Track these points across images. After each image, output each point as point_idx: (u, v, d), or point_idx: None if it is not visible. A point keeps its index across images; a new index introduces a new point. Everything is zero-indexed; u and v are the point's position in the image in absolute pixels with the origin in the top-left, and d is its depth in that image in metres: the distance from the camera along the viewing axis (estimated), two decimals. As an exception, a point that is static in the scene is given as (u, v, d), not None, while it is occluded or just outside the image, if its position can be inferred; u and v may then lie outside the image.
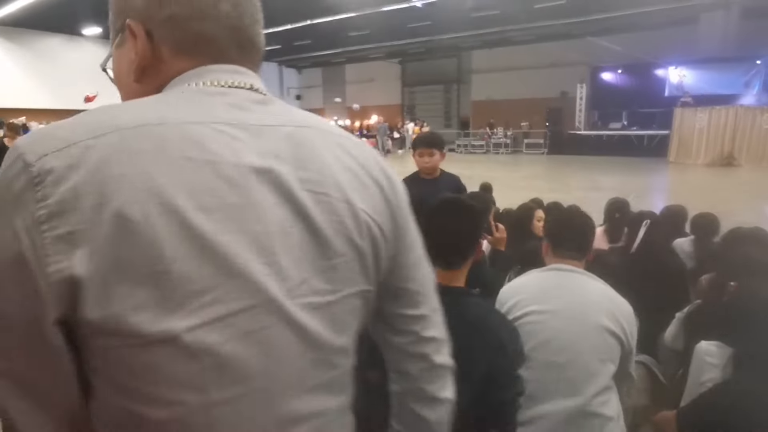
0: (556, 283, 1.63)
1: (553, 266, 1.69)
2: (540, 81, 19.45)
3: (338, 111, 25.43)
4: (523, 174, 12.44)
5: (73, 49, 18.02)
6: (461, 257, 1.39)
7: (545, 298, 1.59)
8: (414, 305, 0.76)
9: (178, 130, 0.52)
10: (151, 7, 0.60)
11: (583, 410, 1.43)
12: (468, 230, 1.40)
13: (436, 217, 1.41)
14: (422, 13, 14.78)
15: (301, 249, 0.57)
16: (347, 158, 0.64)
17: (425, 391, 0.79)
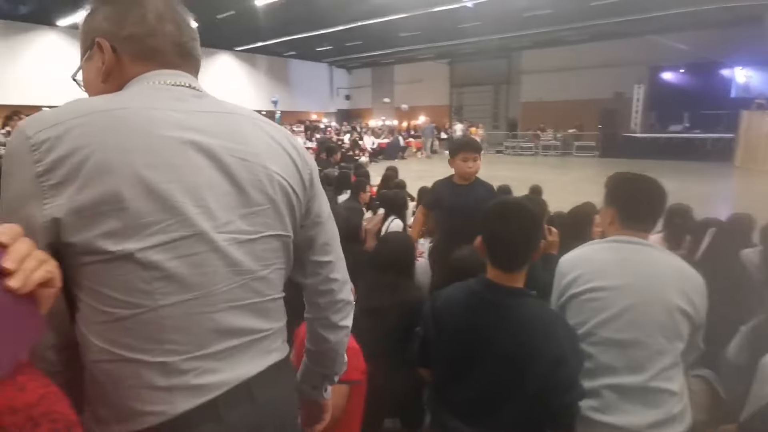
0: (623, 256, 1.53)
1: (618, 238, 1.58)
2: (593, 81, 18.81)
3: (386, 111, 25.62)
4: (572, 177, 12.10)
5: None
6: (522, 261, 1.41)
7: (610, 274, 1.50)
8: (323, 253, 1.01)
9: (136, 112, 0.75)
10: (115, 28, 0.84)
11: (645, 386, 1.40)
12: (529, 234, 1.39)
13: (497, 221, 1.42)
14: (473, 14, 14.65)
15: (226, 198, 0.79)
16: (263, 135, 0.88)
17: (329, 319, 1.06)
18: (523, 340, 1.34)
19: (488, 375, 1.38)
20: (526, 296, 1.42)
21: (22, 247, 0.51)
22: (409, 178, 6.97)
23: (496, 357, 1.37)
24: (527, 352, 1.33)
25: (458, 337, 1.45)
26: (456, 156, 2.98)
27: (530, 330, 1.35)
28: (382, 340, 2.14)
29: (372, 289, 2.21)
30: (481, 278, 1.47)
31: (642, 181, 1.62)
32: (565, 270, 1.61)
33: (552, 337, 1.35)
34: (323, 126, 22.08)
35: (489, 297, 1.41)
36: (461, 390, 1.44)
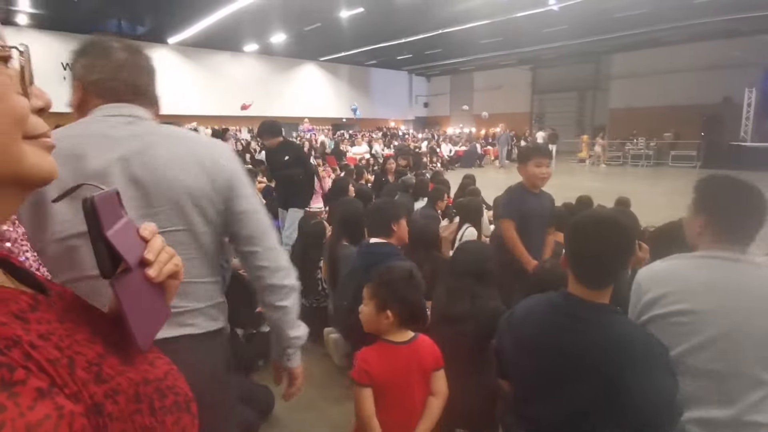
0: (716, 275, 1.34)
1: (710, 253, 1.38)
2: (694, 85, 17.23)
3: (464, 119, 25.38)
4: (666, 188, 11.16)
5: (235, 63, 20.70)
6: (610, 279, 1.32)
7: (700, 295, 1.33)
8: (249, 244, 1.21)
9: (80, 137, 1.07)
10: (86, 74, 1.15)
11: (736, 420, 1.26)
12: (620, 252, 1.30)
13: (586, 236, 1.34)
14: (558, 17, 14.11)
15: (134, 202, 1.04)
16: (179, 150, 1.12)
17: (265, 300, 1.28)
18: (620, 360, 1.25)
19: (577, 395, 1.30)
20: (617, 314, 1.34)
21: (158, 242, 0.58)
22: (486, 186, 6.83)
23: (588, 377, 1.28)
24: (627, 374, 1.24)
25: (541, 354, 1.38)
26: (528, 161, 2.84)
27: (629, 350, 1.26)
28: (459, 347, 2.15)
29: (451, 296, 2.23)
30: (564, 293, 1.39)
31: (740, 186, 1.41)
32: (647, 286, 1.45)
33: (652, 360, 1.26)
34: (401, 133, 22.34)
35: (576, 313, 1.34)
36: (543, 408, 1.38)
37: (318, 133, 18.78)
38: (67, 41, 15.94)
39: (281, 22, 15.08)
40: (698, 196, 1.48)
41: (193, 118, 17.80)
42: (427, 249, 3.09)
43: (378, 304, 1.68)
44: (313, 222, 3.98)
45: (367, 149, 15.14)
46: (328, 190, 5.79)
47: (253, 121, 20.71)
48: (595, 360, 1.28)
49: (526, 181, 2.88)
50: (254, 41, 18.52)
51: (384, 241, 2.62)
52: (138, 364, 0.51)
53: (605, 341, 1.28)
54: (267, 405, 2.60)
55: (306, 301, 3.58)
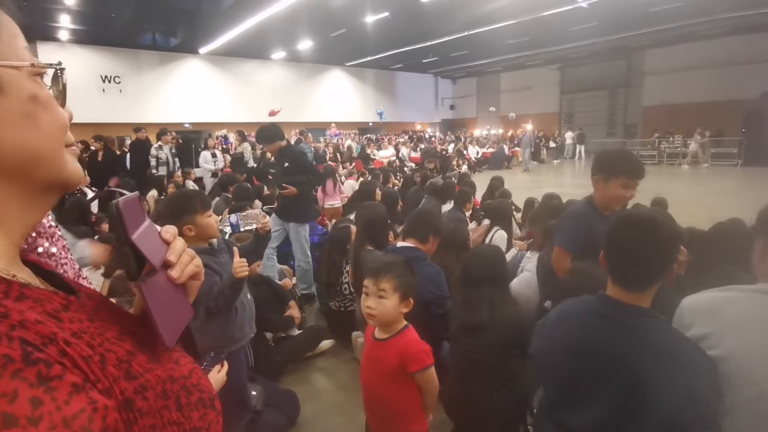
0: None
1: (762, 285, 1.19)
2: (733, 80, 16.50)
3: (491, 120, 25.12)
4: (707, 189, 10.72)
5: (263, 71, 21.12)
6: (651, 282, 1.25)
7: (750, 338, 1.14)
8: None
9: None
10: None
11: None
12: (659, 252, 1.21)
13: (627, 234, 1.26)
14: (588, 14, 13.78)
15: None
16: None
17: None
18: (660, 366, 1.18)
19: (614, 400, 1.23)
20: (658, 319, 1.26)
21: (179, 244, 0.60)
22: (515, 188, 6.72)
23: (627, 382, 1.22)
24: (664, 381, 1.16)
25: (574, 357, 1.33)
26: (613, 178, 2.20)
27: (668, 356, 1.18)
28: (481, 358, 2.11)
29: (468, 306, 2.18)
30: (602, 295, 1.33)
31: None
32: (690, 319, 1.27)
33: (692, 367, 1.17)
34: (428, 136, 22.29)
35: (612, 315, 1.28)
36: (575, 413, 1.33)
37: (345, 138, 18.93)
38: (106, 55, 16.66)
39: (307, 29, 15.30)
40: (763, 214, 1.24)
41: (224, 125, 18.23)
42: (457, 252, 3.06)
43: (402, 294, 1.70)
44: (340, 226, 4.00)
45: (394, 153, 15.16)
46: (355, 193, 5.83)
47: (282, 127, 21.08)
48: (629, 364, 1.21)
49: (599, 201, 2.24)
50: (281, 49, 18.85)
51: (412, 246, 2.61)
52: (165, 362, 0.53)
53: (641, 345, 1.22)
54: (295, 409, 2.61)
55: (333, 305, 3.60)
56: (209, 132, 18.96)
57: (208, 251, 2.06)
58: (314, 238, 4.85)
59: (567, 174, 15.55)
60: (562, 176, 14.98)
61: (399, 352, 1.67)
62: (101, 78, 16.74)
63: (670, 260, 1.23)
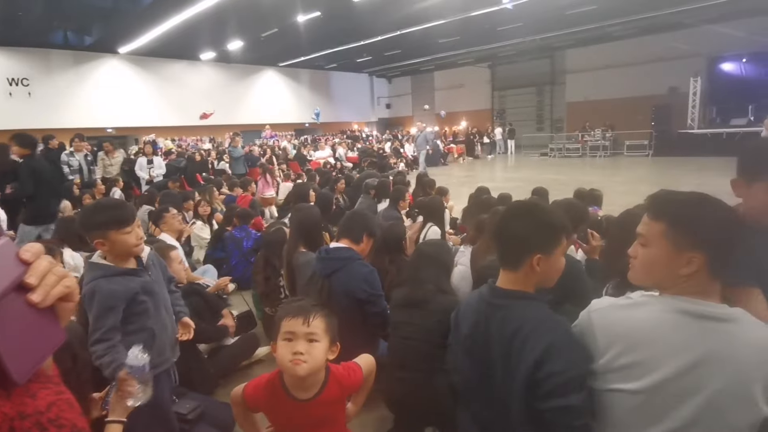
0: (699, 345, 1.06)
1: (698, 308, 1.08)
2: (644, 77, 17.93)
3: (427, 118, 25.63)
4: (623, 178, 11.58)
5: (192, 72, 20.21)
6: (517, 255, 1.33)
7: (670, 364, 1.06)
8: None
9: None
10: None
11: None
12: (522, 232, 1.32)
13: (500, 219, 1.41)
14: (513, 15, 14.42)
15: None
16: None
17: None
18: (513, 343, 1.26)
19: (491, 382, 1.34)
20: (526, 299, 1.33)
21: (43, 264, 0.54)
22: (452, 184, 6.94)
23: (496, 363, 1.32)
24: (516, 356, 1.25)
25: (467, 343, 1.43)
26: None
27: (519, 331, 1.26)
28: (420, 343, 2.15)
29: (416, 281, 2.25)
30: (490, 283, 1.42)
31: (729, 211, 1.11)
32: (605, 342, 1.17)
33: (538, 335, 1.23)
34: (365, 135, 22.35)
35: (491, 300, 1.38)
36: (474, 397, 1.43)
37: (281, 139, 18.56)
38: (11, 56, 15.23)
39: (237, 29, 14.81)
40: (696, 226, 1.10)
41: (152, 129, 17.27)
42: (391, 253, 3.08)
43: (332, 338, 1.43)
44: (273, 230, 3.90)
45: (331, 153, 15.06)
46: (289, 195, 5.72)
47: (215, 130, 20.28)
48: (499, 345, 1.31)
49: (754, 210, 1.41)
50: (210, 49, 18.14)
51: (346, 246, 2.59)
52: (15, 396, 0.48)
53: (508, 325, 1.30)
54: (230, 422, 2.51)
55: (270, 310, 3.52)
56: (135, 137, 17.91)
57: (128, 273, 1.87)
58: (249, 242, 4.71)
59: (499, 169, 16.20)
60: (495, 171, 15.58)
61: (339, 395, 1.47)
62: (7, 81, 15.30)
63: (532, 239, 1.31)
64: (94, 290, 1.79)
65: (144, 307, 1.90)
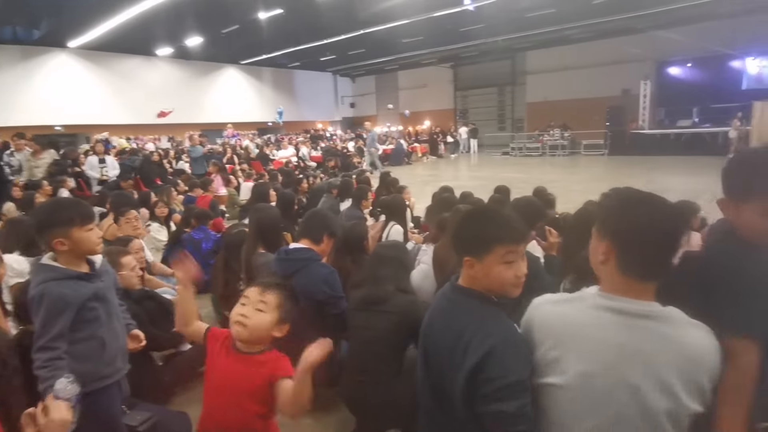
0: (613, 337, 1.10)
1: (610, 303, 1.12)
2: (599, 79, 18.64)
3: (391, 117, 25.70)
4: (581, 176, 11.97)
5: (148, 68, 19.47)
6: (466, 251, 1.35)
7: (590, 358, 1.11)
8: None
9: None
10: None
11: None
12: (460, 236, 1.39)
13: (459, 219, 1.46)
14: (475, 16, 14.66)
15: None
16: None
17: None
18: (458, 343, 1.28)
19: (441, 379, 1.36)
20: (479, 299, 1.33)
21: None
22: (416, 183, 6.98)
23: (443, 361, 1.34)
24: (460, 356, 1.26)
25: (422, 336, 1.46)
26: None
27: (464, 331, 1.28)
28: (379, 345, 2.13)
29: (375, 279, 2.25)
30: (452, 281, 1.44)
31: (654, 208, 1.10)
32: (540, 336, 1.22)
33: (480, 339, 1.23)
34: (329, 134, 22.18)
35: (450, 296, 1.41)
36: (426, 394, 1.45)
37: (243, 138, 18.17)
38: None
39: (195, 25, 14.37)
40: (604, 216, 1.19)
41: (105, 128, 16.51)
42: (353, 253, 3.04)
43: (282, 315, 1.53)
44: (234, 231, 3.80)
45: (294, 152, 14.86)
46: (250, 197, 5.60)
47: (174, 129, 19.63)
48: (445, 343, 1.33)
49: (747, 232, 1.26)
50: (168, 44, 17.53)
51: (305, 247, 2.54)
52: None
53: (454, 323, 1.33)
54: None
55: (229, 313, 3.41)
56: (87, 135, 17.08)
57: (80, 277, 1.79)
58: (208, 244, 4.57)
59: (463, 167, 16.44)
60: (458, 170, 15.80)
61: (270, 364, 1.50)
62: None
63: (469, 243, 1.35)
64: (43, 293, 1.69)
65: (95, 315, 1.81)
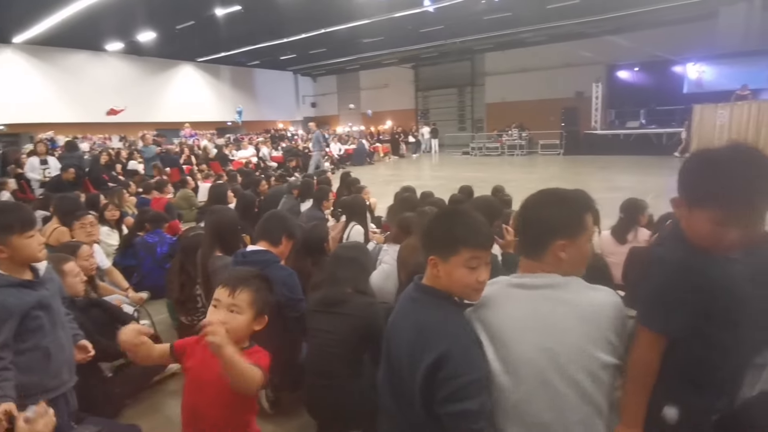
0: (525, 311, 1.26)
1: (517, 278, 1.32)
2: (554, 81, 19.32)
3: (353, 117, 25.64)
4: (538, 176, 12.34)
5: (97, 64, 18.59)
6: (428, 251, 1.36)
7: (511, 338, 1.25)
8: None
9: None
10: None
11: None
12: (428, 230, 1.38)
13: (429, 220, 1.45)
14: (435, 18, 14.84)
15: None
16: None
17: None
18: (416, 343, 1.29)
19: (401, 379, 1.36)
20: (439, 298, 1.34)
21: None
22: (378, 183, 6.98)
23: (402, 360, 1.34)
24: (418, 355, 1.27)
25: (385, 335, 1.46)
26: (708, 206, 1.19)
27: (422, 331, 1.29)
28: (338, 353, 2.11)
29: (334, 281, 2.21)
30: (416, 278, 1.43)
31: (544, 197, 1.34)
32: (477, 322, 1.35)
33: (437, 339, 1.25)
34: (290, 134, 21.89)
35: (412, 295, 1.41)
36: (386, 393, 1.44)
37: (201, 138, 17.65)
38: None
39: (147, 19, 13.83)
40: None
41: (50, 126, 15.64)
42: (313, 255, 3.00)
43: (258, 310, 1.54)
44: (191, 234, 3.67)
45: (254, 152, 14.56)
46: (207, 198, 5.43)
47: (126, 127, 18.83)
48: (404, 341, 1.34)
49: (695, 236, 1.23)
50: (118, 40, 16.80)
51: (263, 249, 2.49)
52: None
53: (414, 322, 1.34)
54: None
55: (186, 319, 3.31)
56: (31, 135, 16.12)
57: (23, 284, 1.70)
58: (163, 248, 4.41)
59: (424, 167, 16.61)
60: (420, 169, 15.95)
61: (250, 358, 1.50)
62: None
63: (427, 239, 1.36)
64: None
65: (39, 324, 1.72)
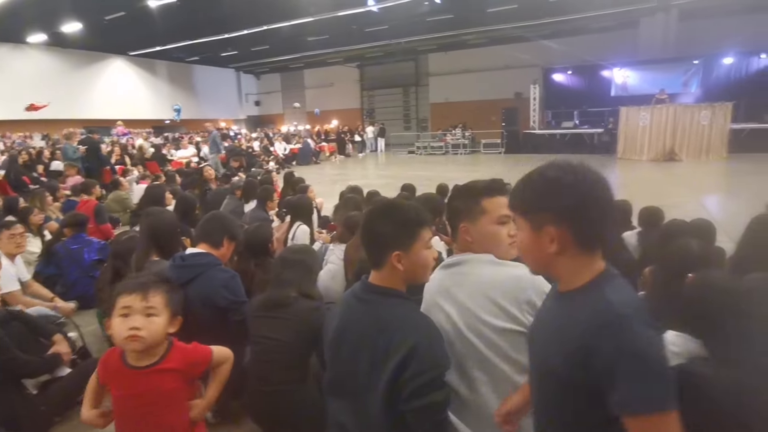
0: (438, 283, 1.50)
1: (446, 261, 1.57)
2: (495, 83, 20.01)
3: (298, 116, 25.24)
4: (481, 174, 12.71)
5: (17, 57, 17.12)
6: (377, 258, 1.35)
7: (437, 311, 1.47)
8: None
9: None
10: None
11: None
12: (380, 233, 1.33)
13: (366, 220, 1.41)
14: (379, 18, 14.91)
15: None
16: None
17: None
18: (378, 342, 1.29)
19: (355, 380, 1.34)
20: (394, 296, 1.35)
21: None
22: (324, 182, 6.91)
23: (360, 361, 1.33)
24: (382, 355, 1.27)
25: (335, 338, 1.42)
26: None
27: (383, 330, 1.29)
28: (281, 359, 2.06)
29: (280, 282, 2.16)
30: (363, 279, 1.42)
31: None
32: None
33: (401, 337, 1.26)
34: (233, 134, 21.20)
35: (361, 295, 1.38)
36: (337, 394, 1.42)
37: (136, 137, 16.69)
38: None
39: (72, 9, 12.86)
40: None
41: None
42: (257, 256, 2.91)
43: (173, 311, 1.50)
44: (124, 238, 3.45)
45: (195, 152, 13.95)
46: (140, 200, 5.14)
47: (50, 125, 17.45)
48: (366, 339, 1.32)
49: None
50: (40, 31, 15.53)
51: (204, 252, 2.38)
52: None
53: (375, 321, 1.32)
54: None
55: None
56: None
57: None
58: (91, 254, 4.11)
59: (371, 166, 16.66)
60: (366, 169, 15.98)
61: (181, 367, 1.46)
62: None
63: (389, 239, 1.32)
64: None
65: None
